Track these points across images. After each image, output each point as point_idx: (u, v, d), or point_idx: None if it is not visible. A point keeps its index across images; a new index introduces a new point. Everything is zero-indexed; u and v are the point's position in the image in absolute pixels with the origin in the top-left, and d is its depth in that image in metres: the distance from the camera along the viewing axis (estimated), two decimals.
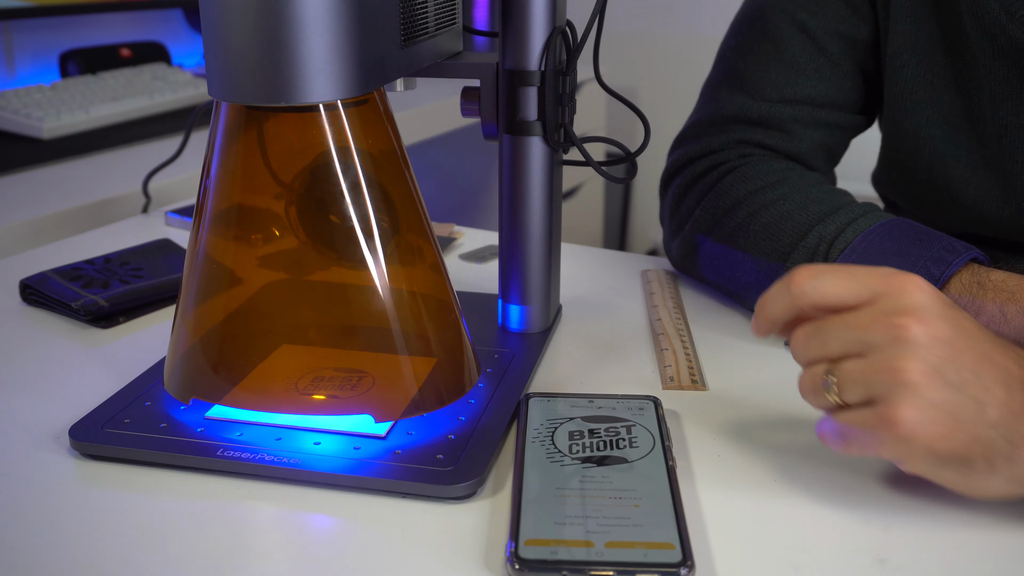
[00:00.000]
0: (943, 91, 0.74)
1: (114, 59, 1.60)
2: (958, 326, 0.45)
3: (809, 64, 0.77)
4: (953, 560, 0.45)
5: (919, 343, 0.44)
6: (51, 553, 0.45)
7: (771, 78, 0.77)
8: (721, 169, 0.76)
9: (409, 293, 0.55)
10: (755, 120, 0.77)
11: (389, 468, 0.50)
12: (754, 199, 0.71)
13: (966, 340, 0.45)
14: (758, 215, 0.71)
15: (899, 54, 0.75)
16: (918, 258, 0.62)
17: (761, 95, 0.77)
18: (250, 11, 0.48)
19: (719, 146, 0.78)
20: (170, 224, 0.96)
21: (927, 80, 0.74)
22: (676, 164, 0.80)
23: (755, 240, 0.70)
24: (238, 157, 0.54)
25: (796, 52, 0.77)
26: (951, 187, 0.75)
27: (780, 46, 0.77)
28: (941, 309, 0.45)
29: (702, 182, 0.77)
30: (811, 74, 0.77)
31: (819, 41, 0.77)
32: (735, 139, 0.77)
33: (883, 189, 0.86)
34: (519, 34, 0.61)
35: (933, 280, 0.60)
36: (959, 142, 0.74)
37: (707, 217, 0.74)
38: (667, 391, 0.61)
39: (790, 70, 0.77)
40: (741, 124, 0.78)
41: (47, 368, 0.64)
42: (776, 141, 0.77)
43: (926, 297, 0.45)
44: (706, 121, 0.80)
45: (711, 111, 0.80)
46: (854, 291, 0.46)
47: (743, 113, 0.77)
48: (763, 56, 0.78)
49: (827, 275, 0.47)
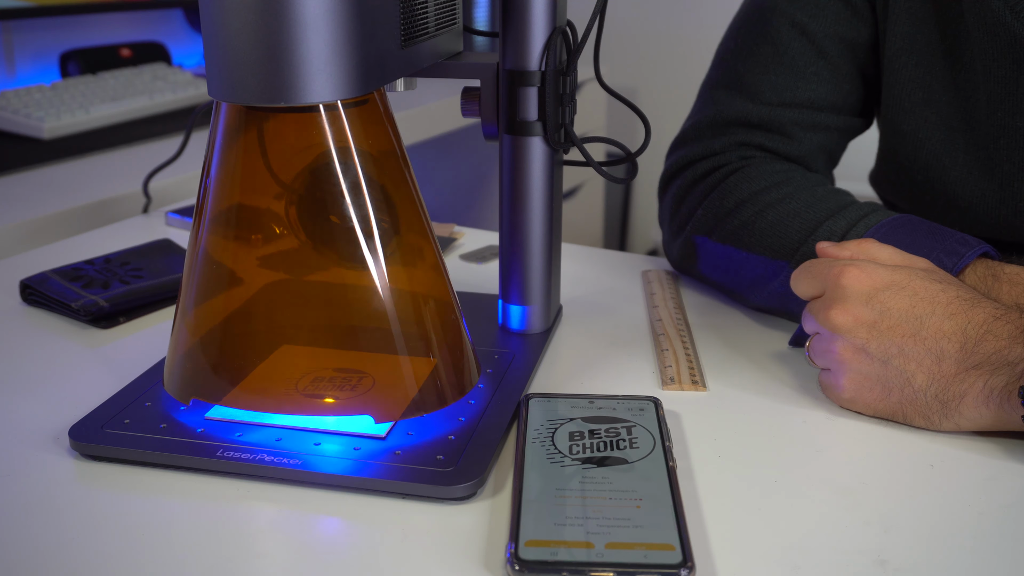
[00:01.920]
0: (941, 93, 0.74)
1: (114, 59, 1.60)
2: (883, 310, 0.55)
3: (809, 67, 0.77)
4: (953, 560, 0.45)
5: (845, 328, 0.56)
6: (51, 553, 0.45)
7: (771, 81, 0.77)
8: (723, 171, 0.76)
9: (409, 293, 0.55)
10: (755, 123, 0.77)
11: (389, 469, 0.50)
12: (759, 198, 0.72)
13: (891, 320, 0.55)
14: (764, 213, 0.71)
15: (897, 56, 0.75)
16: (931, 250, 0.63)
17: (761, 98, 0.77)
18: (250, 11, 0.48)
19: (720, 148, 0.78)
20: (170, 224, 0.96)
21: (925, 82, 0.74)
22: (676, 166, 0.80)
23: (760, 237, 0.70)
24: (238, 157, 0.54)
25: (796, 55, 0.77)
26: (948, 188, 0.75)
27: (780, 49, 0.77)
28: (869, 295, 0.56)
29: (704, 183, 0.77)
30: (811, 77, 0.77)
31: (819, 44, 0.77)
32: (736, 141, 0.78)
33: (881, 189, 0.86)
34: (519, 34, 0.61)
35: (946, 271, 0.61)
36: (956, 143, 0.74)
37: (710, 217, 0.74)
38: (667, 391, 0.61)
39: (790, 73, 0.77)
40: (742, 127, 0.78)
41: (47, 368, 0.64)
42: (777, 144, 0.77)
43: (856, 285, 0.56)
44: (706, 123, 0.80)
45: (711, 113, 0.80)
46: (812, 285, 0.59)
47: (743, 116, 0.78)
48: (763, 59, 0.78)
49: (796, 275, 0.60)
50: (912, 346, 0.54)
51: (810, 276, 0.59)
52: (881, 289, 0.56)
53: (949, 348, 0.53)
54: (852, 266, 0.57)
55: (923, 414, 0.55)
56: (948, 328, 0.54)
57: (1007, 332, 0.52)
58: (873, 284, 0.56)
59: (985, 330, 0.53)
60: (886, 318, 0.55)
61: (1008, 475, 0.52)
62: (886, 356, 0.55)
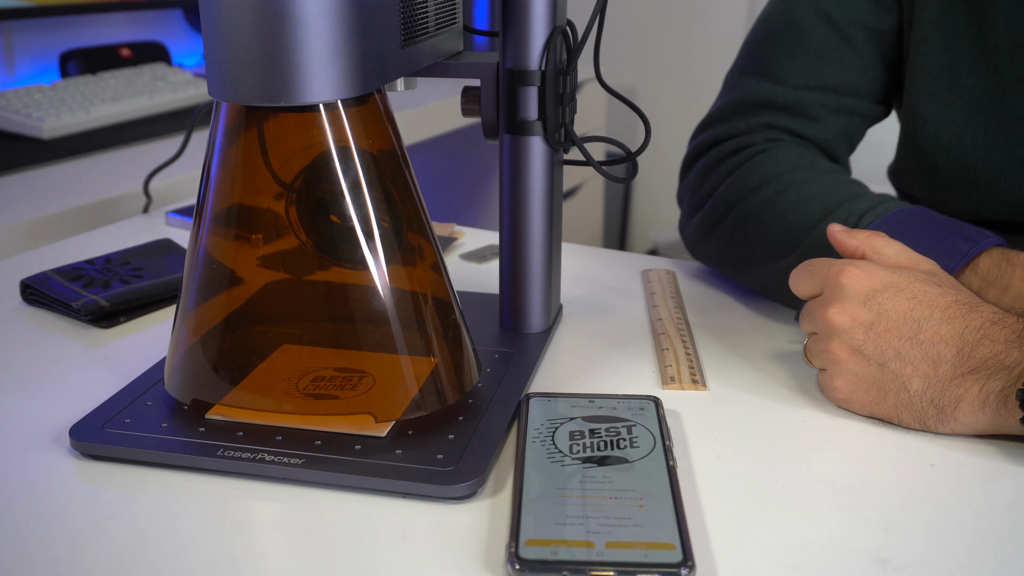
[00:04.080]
0: (967, 76, 0.75)
1: (114, 59, 1.60)
2: (881, 311, 0.55)
3: (834, 53, 0.79)
4: (953, 560, 0.45)
5: (842, 328, 0.56)
6: (51, 553, 0.45)
7: (796, 66, 0.79)
8: (750, 151, 0.77)
9: (410, 293, 0.55)
10: (781, 106, 0.79)
11: (389, 468, 0.50)
12: (783, 178, 0.73)
13: (889, 323, 0.55)
14: (787, 193, 0.72)
15: (925, 41, 0.77)
16: (947, 236, 0.64)
17: (787, 82, 0.79)
18: (250, 11, 0.48)
19: (746, 129, 0.79)
20: (171, 224, 0.97)
21: (951, 66, 0.76)
22: (701, 146, 0.82)
23: (781, 215, 0.72)
24: (238, 157, 0.54)
25: (821, 41, 0.79)
26: (970, 170, 0.76)
27: (805, 36, 0.79)
28: (867, 297, 0.55)
29: (729, 162, 0.78)
30: (836, 63, 0.79)
31: (843, 31, 0.79)
32: (762, 123, 0.79)
33: (900, 181, 0.88)
34: (520, 34, 0.61)
35: (960, 256, 0.63)
36: (978, 125, 0.75)
37: (733, 193, 0.76)
38: (668, 391, 0.61)
39: (816, 59, 0.79)
40: (768, 109, 0.80)
41: (48, 368, 0.64)
42: (803, 127, 0.79)
43: (855, 285, 0.56)
44: (733, 106, 0.82)
45: (737, 97, 0.82)
46: (811, 284, 0.59)
47: (769, 99, 0.79)
48: (788, 46, 0.80)
49: (796, 273, 0.60)
50: (909, 349, 0.54)
51: (809, 275, 0.59)
52: (880, 290, 0.55)
53: (946, 352, 0.53)
54: (852, 265, 0.57)
55: (919, 419, 0.55)
56: (945, 332, 0.54)
57: (1004, 336, 0.52)
58: (872, 285, 0.56)
59: (982, 334, 0.53)
60: (884, 320, 0.55)
61: (1007, 475, 0.52)
62: (883, 359, 0.55)
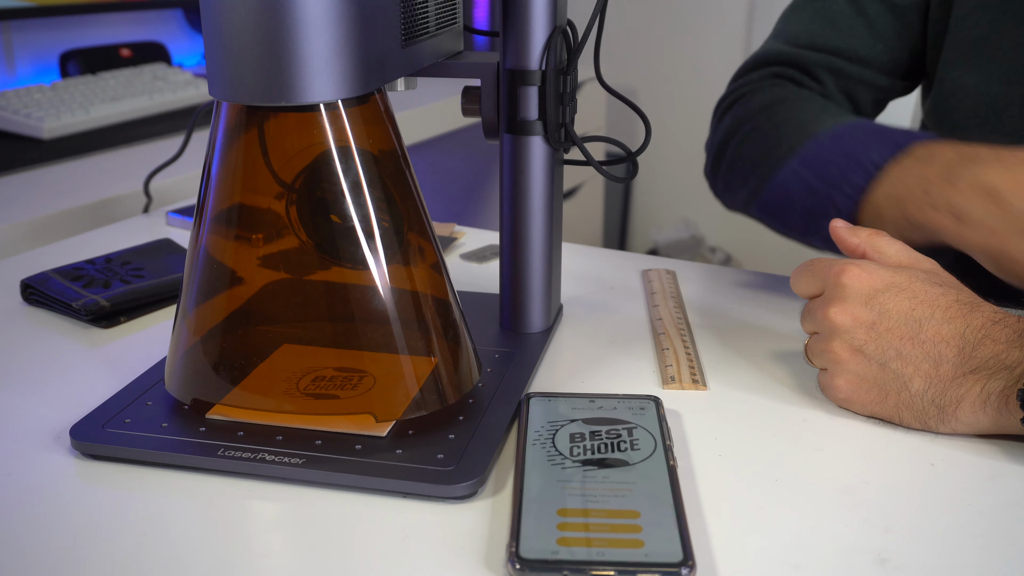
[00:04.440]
0: (1007, 49, 0.78)
1: (114, 59, 1.60)
2: (882, 311, 0.55)
3: (845, 22, 0.86)
4: (954, 560, 0.45)
5: (843, 327, 0.56)
6: (52, 553, 0.45)
7: (808, 29, 0.88)
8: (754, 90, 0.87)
9: (410, 293, 0.55)
10: (786, 62, 0.88)
11: (389, 468, 0.50)
12: (783, 102, 0.82)
13: (890, 322, 0.55)
14: (783, 103, 0.82)
15: (969, 15, 0.80)
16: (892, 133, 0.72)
17: (795, 42, 0.88)
18: (251, 11, 0.48)
19: (758, 78, 0.89)
20: (171, 224, 0.97)
21: (993, 39, 0.79)
22: (721, 103, 0.90)
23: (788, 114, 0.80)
24: (239, 157, 0.54)
25: (836, 11, 0.87)
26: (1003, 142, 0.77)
27: (824, 6, 0.87)
28: (868, 296, 0.55)
29: (738, 103, 0.87)
30: (845, 31, 0.86)
31: (861, 3, 0.86)
32: (770, 74, 0.88)
33: None
34: (520, 34, 0.61)
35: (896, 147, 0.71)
36: (1013, 97, 0.78)
37: (733, 123, 0.85)
38: (668, 390, 0.61)
39: (827, 25, 0.87)
40: (776, 65, 0.89)
41: (48, 368, 0.64)
42: (805, 81, 0.87)
43: (856, 284, 0.56)
44: (750, 64, 0.91)
45: (755, 55, 0.91)
46: (812, 284, 0.59)
47: (777, 55, 0.89)
48: (808, 12, 0.88)
49: (797, 273, 0.61)
50: (910, 349, 0.54)
51: (810, 274, 0.60)
52: (881, 290, 0.56)
53: (947, 352, 0.53)
54: (853, 265, 0.57)
55: (920, 418, 0.55)
56: (947, 332, 0.54)
57: (1005, 336, 0.52)
58: (873, 284, 0.56)
59: (983, 334, 0.53)
60: (885, 319, 0.55)
61: (1008, 475, 0.52)
62: (884, 359, 0.55)
